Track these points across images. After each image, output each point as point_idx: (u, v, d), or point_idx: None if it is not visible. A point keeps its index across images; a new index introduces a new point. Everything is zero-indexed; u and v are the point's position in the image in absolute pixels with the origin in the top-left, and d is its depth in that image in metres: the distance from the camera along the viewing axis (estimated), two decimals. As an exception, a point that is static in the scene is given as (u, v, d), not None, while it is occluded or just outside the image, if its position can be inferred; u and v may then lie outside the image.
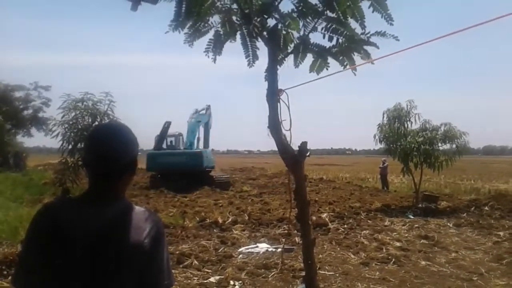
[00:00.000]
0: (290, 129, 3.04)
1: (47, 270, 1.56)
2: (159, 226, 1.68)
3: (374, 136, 15.99)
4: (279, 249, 9.13)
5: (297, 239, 9.36)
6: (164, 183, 20.95)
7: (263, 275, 7.30)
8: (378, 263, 8.08)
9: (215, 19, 3.39)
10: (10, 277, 5.70)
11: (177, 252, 8.39)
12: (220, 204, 15.69)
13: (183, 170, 21.92)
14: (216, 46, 3.35)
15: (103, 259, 1.55)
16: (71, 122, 11.46)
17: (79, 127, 11.26)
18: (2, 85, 36.96)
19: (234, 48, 3.47)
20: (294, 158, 3.01)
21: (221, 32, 3.43)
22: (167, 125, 23.84)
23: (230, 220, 12.09)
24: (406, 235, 10.76)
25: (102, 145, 1.63)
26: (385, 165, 23.07)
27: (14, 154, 39.00)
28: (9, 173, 29.25)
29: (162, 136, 23.76)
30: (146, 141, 23.66)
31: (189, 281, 6.80)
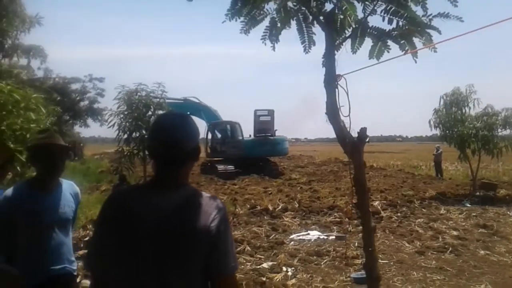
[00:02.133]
0: (349, 115, 3.00)
1: (119, 252, 1.65)
2: (224, 211, 1.72)
3: (429, 122, 15.47)
4: (331, 237, 9.10)
5: (349, 227, 9.28)
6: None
7: (315, 262, 7.31)
8: (434, 252, 7.87)
9: (270, 6, 3.38)
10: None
11: (230, 238, 8.54)
12: (270, 192, 15.79)
13: (271, 155, 23.67)
14: (273, 34, 3.34)
15: (171, 242, 1.61)
16: (126, 112, 11.81)
17: (134, 116, 11.60)
18: (60, 78, 38.68)
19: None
20: (353, 144, 2.97)
21: (277, 19, 3.41)
22: (259, 113, 24.14)
23: (280, 207, 12.16)
24: (463, 224, 10.39)
25: (165, 133, 1.70)
26: (439, 151, 22.30)
27: (72, 144, 40.96)
28: (68, 162, 30.73)
29: (256, 125, 23.94)
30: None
31: (242, 266, 6.92)
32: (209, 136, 24.59)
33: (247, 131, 24.49)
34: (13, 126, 5.03)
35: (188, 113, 25.50)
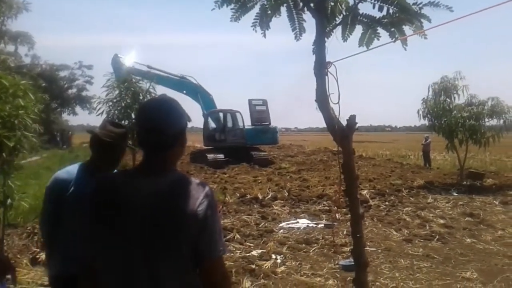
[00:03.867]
0: (338, 103, 3.01)
1: (107, 238, 1.67)
2: (212, 197, 1.72)
3: (418, 112, 15.58)
4: (320, 225, 9.18)
5: (337, 216, 9.35)
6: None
7: (304, 250, 7.37)
8: (421, 240, 7.97)
9: (261, -8, 3.36)
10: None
11: (220, 226, 8.58)
12: (259, 181, 15.82)
13: (269, 144, 24.12)
14: (263, 21, 3.33)
15: (158, 227, 1.61)
16: (115, 100, 11.74)
17: (123, 104, 11.53)
18: (48, 65, 38.21)
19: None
20: (342, 132, 2.98)
21: (267, 6, 3.39)
22: (254, 103, 24.15)
23: (270, 196, 12.20)
24: (450, 212, 10.53)
25: (148, 118, 1.71)
26: (427, 141, 22.52)
27: (61, 132, 40.63)
28: (56, 150, 30.55)
29: (253, 114, 23.95)
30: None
31: (232, 254, 6.95)
32: (210, 124, 24.15)
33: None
34: (1, 112, 4.97)
35: (184, 92, 25.04)
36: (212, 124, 24.22)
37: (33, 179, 12.39)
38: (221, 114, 24.50)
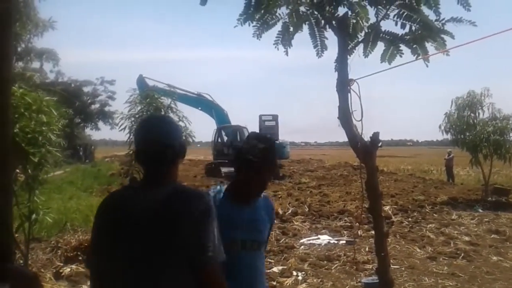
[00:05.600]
0: (361, 120, 2.99)
1: (110, 247, 1.77)
2: (207, 205, 1.76)
3: (440, 126, 15.35)
4: (341, 242, 9.06)
5: (359, 232, 9.22)
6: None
7: (326, 267, 7.26)
8: (446, 258, 7.78)
9: (283, 10, 3.39)
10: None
11: (240, 242, 8.57)
12: (279, 196, 15.75)
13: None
14: (285, 38, 3.36)
15: (155, 236, 1.69)
16: (137, 116, 11.88)
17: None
18: (72, 81, 39.11)
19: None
20: (366, 148, 2.96)
21: (289, 24, 3.43)
22: (264, 118, 25.05)
23: (290, 211, 12.12)
24: (475, 229, 10.27)
25: (146, 135, 1.83)
26: (450, 156, 22.13)
27: (84, 146, 41.36)
28: (79, 164, 31.07)
29: (262, 129, 24.37)
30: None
31: (252, 270, 6.90)
32: (219, 139, 25.33)
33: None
34: (25, 128, 5.09)
35: (200, 108, 26.26)
36: (222, 138, 25.44)
37: (57, 193, 12.62)
38: (230, 130, 25.58)
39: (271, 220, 2.52)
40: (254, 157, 2.21)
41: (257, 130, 23.98)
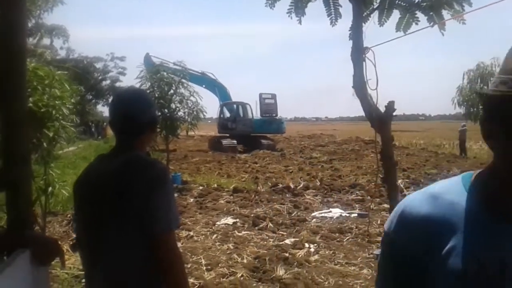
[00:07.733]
0: (376, 88, 2.96)
1: (79, 217, 1.91)
2: (160, 174, 1.76)
3: (453, 100, 15.17)
4: (353, 215, 9.10)
5: (371, 205, 9.25)
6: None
7: (338, 239, 7.32)
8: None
9: (296, -22, 3.32)
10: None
11: (252, 215, 8.66)
12: (291, 170, 15.81)
13: (275, 133, 26.78)
14: (298, 7, 3.29)
15: (109, 203, 1.73)
16: (148, 91, 11.91)
17: (156, 95, 11.70)
18: (82, 57, 39.11)
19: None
20: (381, 118, 2.93)
21: (302, -8, 3.36)
22: (264, 96, 26.90)
23: (301, 185, 12.17)
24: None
25: (119, 106, 1.89)
26: (464, 128, 21.89)
27: (95, 123, 41.69)
28: (91, 140, 31.41)
29: (262, 106, 26.70)
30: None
31: (265, 242, 7.00)
32: (224, 114, 27.04)
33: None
34: (39, 103, 5.12)
35: (204, 86, 27.49)
36: (226, 114, 27.14)
37: (71, 168, 12.77)
38: (233, 106, 27.45)
39: None
40: None
41: (258, 107, 26.34)
